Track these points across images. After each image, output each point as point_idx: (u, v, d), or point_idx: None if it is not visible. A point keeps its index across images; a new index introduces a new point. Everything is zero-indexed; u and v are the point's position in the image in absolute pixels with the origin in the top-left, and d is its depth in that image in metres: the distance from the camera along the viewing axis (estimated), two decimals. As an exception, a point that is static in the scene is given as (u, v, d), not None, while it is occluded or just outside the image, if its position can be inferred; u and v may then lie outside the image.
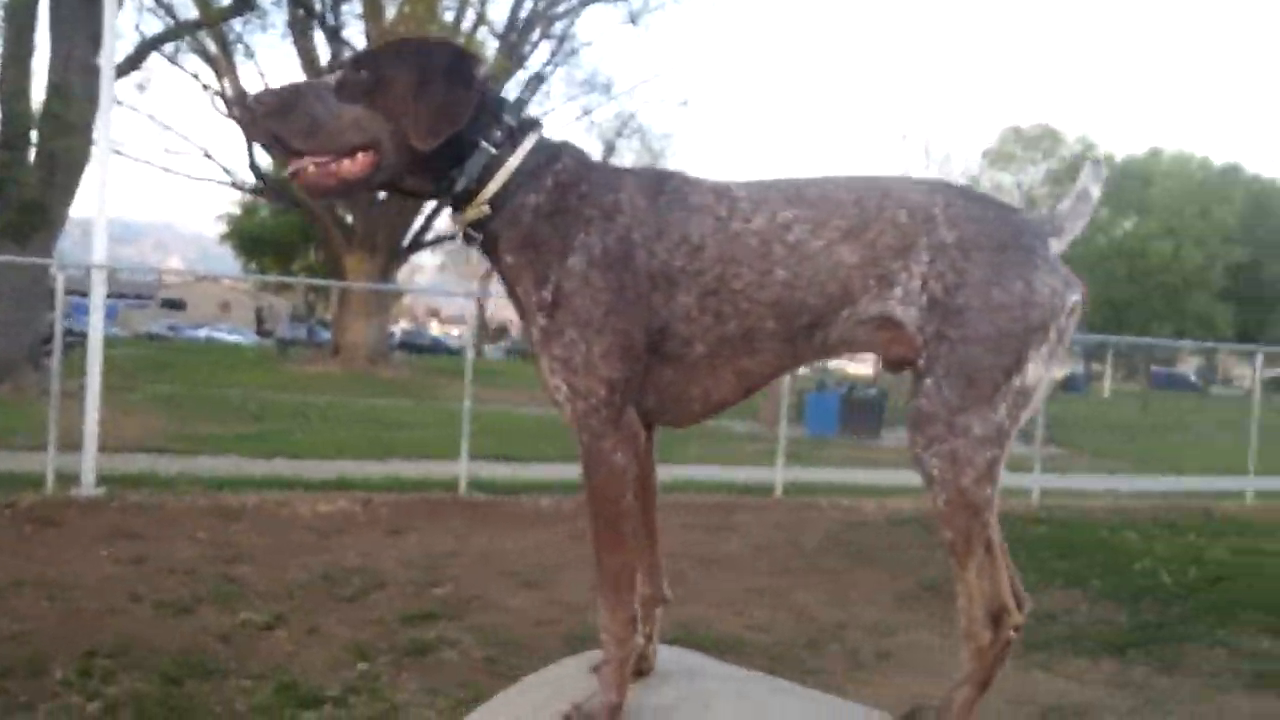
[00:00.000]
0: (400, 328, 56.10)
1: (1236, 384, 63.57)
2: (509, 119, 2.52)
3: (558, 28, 26.74)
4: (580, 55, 27.04)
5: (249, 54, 25.37)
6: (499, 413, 14.64)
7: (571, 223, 2.46)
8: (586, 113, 29.08)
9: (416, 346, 48.04)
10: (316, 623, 4.60)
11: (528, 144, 2.52)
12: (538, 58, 26.98)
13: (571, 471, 9.88)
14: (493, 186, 2.47)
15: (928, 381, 2.46)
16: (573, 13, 26.73)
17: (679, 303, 2.64)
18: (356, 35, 24.67)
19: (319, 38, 25.04)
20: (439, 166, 2.46)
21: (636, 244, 2.62)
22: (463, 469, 8.38)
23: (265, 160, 25.99)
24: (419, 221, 26.50)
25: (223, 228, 48.35)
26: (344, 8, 24.63)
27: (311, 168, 2.38)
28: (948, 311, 2.45)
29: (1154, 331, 37.58)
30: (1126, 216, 45.20)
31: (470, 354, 8.84)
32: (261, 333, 52.48)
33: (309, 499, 7.64)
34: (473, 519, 7.44)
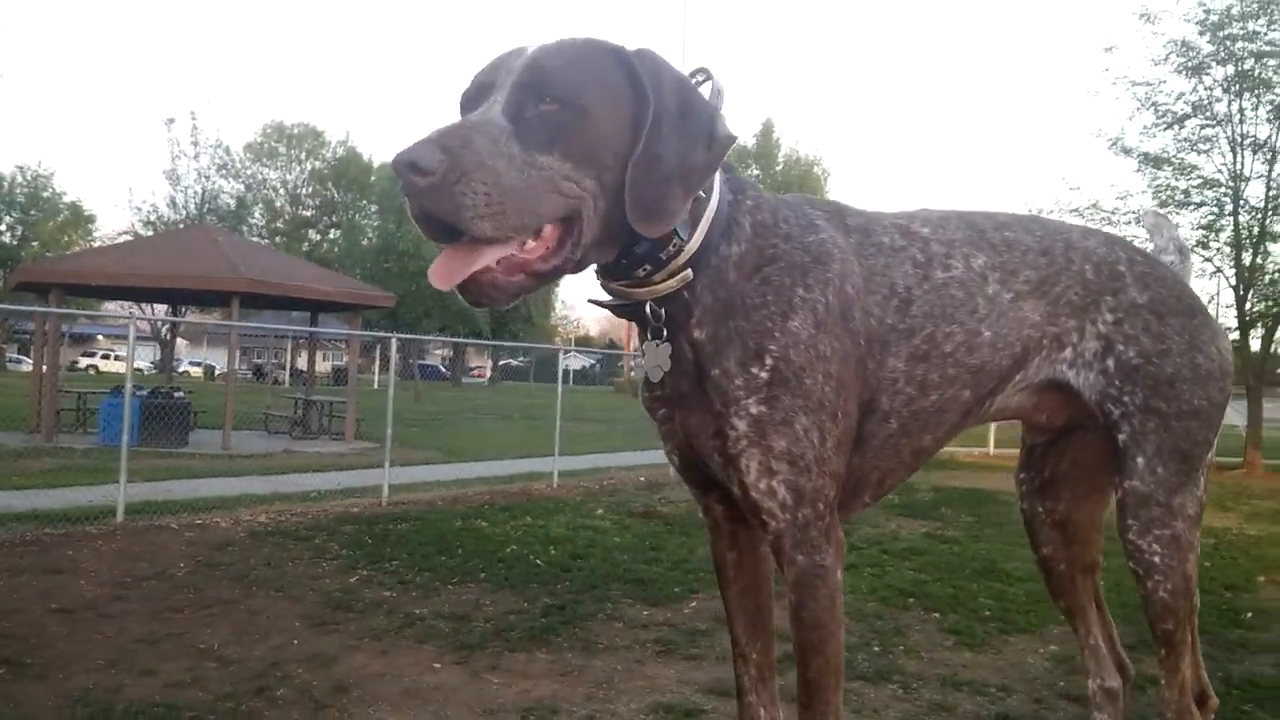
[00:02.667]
0: None
1: (475, 374, 71.86)
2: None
3: None
4: None
5: None
6: None
7: (784, 274, 1.87)
8: None
9: None
10: None
11: (718, 180, 1.86)
12: None
13: None
14: (694, 242, 1.81)
15: (1140, 460, 2.18)
16: None
17: (888, 369, 1.99)
18: None
19: None
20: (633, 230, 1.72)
21: (852, 299, 1.92)
22: None
23: None
24: None
25: None
26: None
27: (496, 265, 1.63)
28: (1155, 381, 2.19)
29: (424, 328, 40.66)
30: (394, 219, 47.95)
31: None
32: None
33: None
34: None
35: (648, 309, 1.87)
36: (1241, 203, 19.22)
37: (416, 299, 42.93)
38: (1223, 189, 19.26)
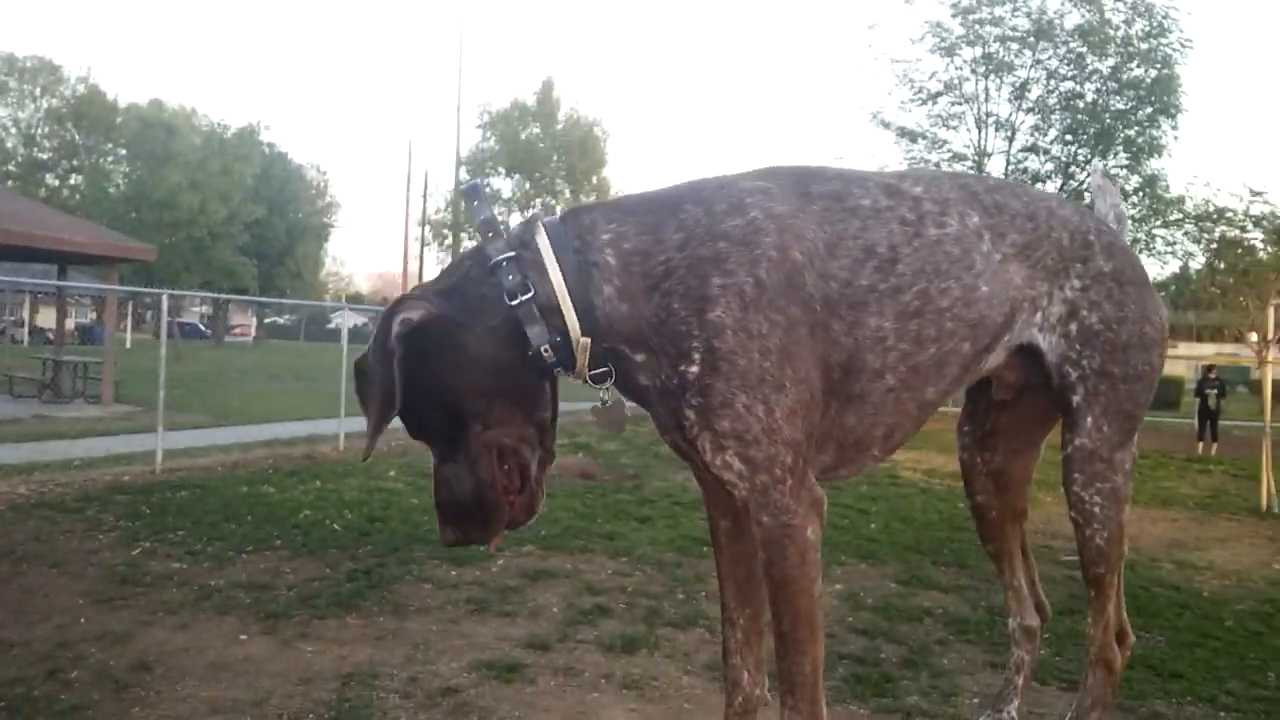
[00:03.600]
0: None
1: (237, 333, 68.08)
2: (493, 247, 2.00)
3: None
4: None
5: None
6: None
7: (687, 279, 1.93)
8: None
9: None
10: None
11: (544, 248, 2.00)
12: None
13: None
14: (571, 320, 1.98)
15: (1089, 419, 2.28)
16: None
17: (868, 328, 1.99)
18: None
19: None
20: (520, 364, 2.02)
21: (800, 265, 1.87)
22: None
23: None
24: None
25: None
26: None
27: (513, 500, 2.11)
28: (1112, 347, 2.28)
29: (183, 283, 38.14)
30: (145, 166, 44.38)
31: None
32: None
33: None
34: None
35: (585, 379, 2.08)
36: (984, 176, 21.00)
37: (174, 252, 40.16)
38: (969, 163, 20.95)
